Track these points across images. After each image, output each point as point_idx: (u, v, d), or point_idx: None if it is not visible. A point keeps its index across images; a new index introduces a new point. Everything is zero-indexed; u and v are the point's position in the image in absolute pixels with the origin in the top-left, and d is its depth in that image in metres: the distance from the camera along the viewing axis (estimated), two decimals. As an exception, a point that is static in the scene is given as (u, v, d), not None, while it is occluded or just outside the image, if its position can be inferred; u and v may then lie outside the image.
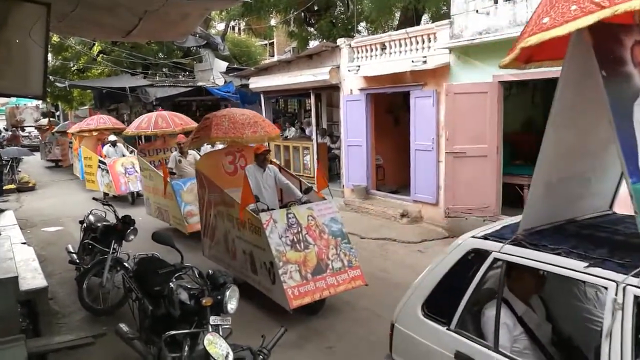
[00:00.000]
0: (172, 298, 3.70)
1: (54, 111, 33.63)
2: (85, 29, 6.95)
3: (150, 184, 9.82)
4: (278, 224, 5.35)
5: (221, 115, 6.85)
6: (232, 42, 23.87)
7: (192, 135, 7.14)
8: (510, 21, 7.70)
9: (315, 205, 5.84)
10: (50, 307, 5.35)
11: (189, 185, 8.55)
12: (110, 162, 12.70)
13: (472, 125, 8.28)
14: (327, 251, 5.53)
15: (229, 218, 6.12)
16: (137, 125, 10.78)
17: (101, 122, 14.69)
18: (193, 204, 8.24)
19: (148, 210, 10.17)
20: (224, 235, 6.38)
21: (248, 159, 7.19)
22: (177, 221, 8.71)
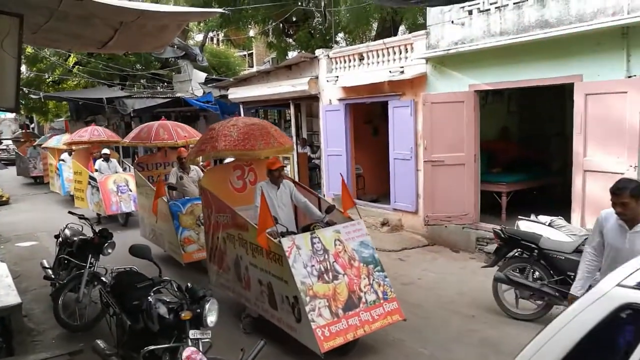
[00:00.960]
0: (150, 312, 3.64)
1: (28, 123, 33.07)
2: (60, 41, 6.85)
3: (146, 202, 8.63)
4: (302, 251, 4.58)
5: (229, 125, 5.99)
6: (211, 53, 23.85)
7: (196, 148, 6.21)
8: (485, 31, 7.85)
9: (343, 227, 5.05)
10: (24, 325, 5.22)
11: (188, 207, 7.59)
12: (101, 179, 11.43)
13: (449, 134, 8.39)
14: (358, 282, 4.76)
15: (242, 242, 5.33)
16: (135, 135, 9.49)
17: (95, 134, 13.23)
18: (192, 230, 7.41)
19: (142, 232, 9.11)
20: (234, 261, 5.59)
21: (259, 173, 6.46)
22: (173, 248, 7.71)
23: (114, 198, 11.22)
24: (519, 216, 6.23)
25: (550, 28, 6.97)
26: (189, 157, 6.62)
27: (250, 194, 5.97)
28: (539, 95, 9.36)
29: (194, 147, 6.41)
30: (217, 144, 5.78)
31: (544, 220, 6.01)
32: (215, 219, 5.86)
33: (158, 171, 9.68)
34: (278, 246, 4.60)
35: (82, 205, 12.41)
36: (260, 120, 6.58)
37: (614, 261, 3.54)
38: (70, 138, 13.80)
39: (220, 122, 6.25)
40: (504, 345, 5.00)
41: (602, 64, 6.64)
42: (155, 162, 9.82)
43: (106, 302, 4.34)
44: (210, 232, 6.08)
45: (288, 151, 6.50)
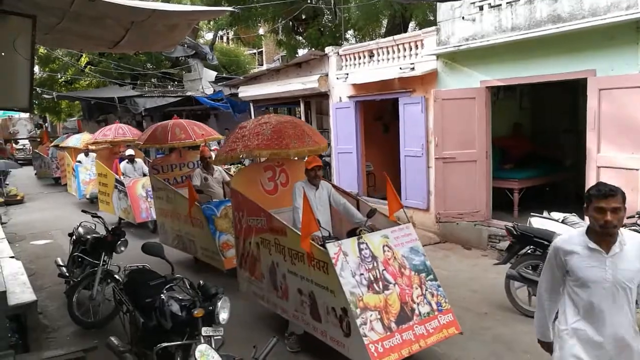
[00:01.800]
0: (163, 310, 3.67)
1: (42, 123, 33.38)
2: (72, 41, 6.91)
3: (167, 207, 8.08)
4: (349, 258, 4.20)
5: (261, 123, 5.60)
6: (221, 52, 23.93)
7: (226, 147, 5.73)
8: (496, 27, 7.78)
9: (391, 232, 4.66)
10: (39, 322, 5.30)
11: (222, 210, 7.08)
12: (129, 183, 10.50)
13: (461, 131, 8.34)
14: (410, 292, 4.39)
15: (279, 248, 4.93)
16: (149, 137, 8.73)
17: (120, 133, 12.27)
18: (229, 233, 6.82)
19: (163, 239, 8.30)
20: (269, 268, 5.19)
21: (290, 174, 6.08)
22: (209, 254, 7.12)
23: (143, 204, 10.30)
24: (532, 213, 6.19)
25: (563, 23, 6.89)
26: (218, 157, 5.90)
27: (282, 197, 5.72)
28: (551, 91, 9.27)
29: (223, 146, 5.92)
30: (250, 142, 5.38)
31: (557, 217, 5.97)
32: (246, 223, 5.48)
33: (174, 173, 9.01)
34: (323, 253, 4.22)
35: (108, 210, 11.47)
36: (292, 118, 6.15)
37: (590, 305, 2.73)
38: (94, 137, 13.03)
39: (251, 120, 5.87)
40: (516, 343, 4.98)
41: (616, 58, 6.56)
42: (170, 163, 9.07)
43: (119, 299, 4.38)
44: (240, 237, 5.70)
45: (323, 150, 5.93)
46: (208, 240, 6.98)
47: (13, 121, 30.58)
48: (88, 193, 13.45)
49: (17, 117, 30.15)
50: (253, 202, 5.30)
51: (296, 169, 5.96)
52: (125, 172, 10.99)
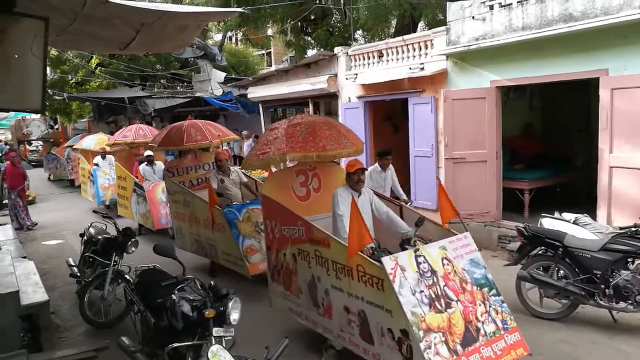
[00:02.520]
0: (174, 310, 3.68)
1: (52, 124, 33.60)
2: (84, 42, 6.96)
3: (184, 210, 7.78)
4: (407, 273, 3.77)
5: (294, 124, 5.14)
6: (230, 53, 23.98)
7: (257, 150, 5.21)
8: (506, 27, 7.74)
9: (449, 242, 4.26)
10: (51, 321, 5.33)
11: (244, 213, 6.76)
12: (148, 187, 10.00)
13: (471, 131, 8.30)
14: (474, 309, 3.96)
15: (320, 261, 4.49)
16: (164, 139, 8.28)
17: (140, 134, 11.57)
18: (253, 238, 6.60)
19: (180, 244, 8.04)
20: (308, 283, 4.75)
21: (323, 179, 5.60)
22: (232, 260, 6.78)
23: (163, 210, 9.76)
24: (543, 214, 6.15)
25: (575, 22, 6.84)
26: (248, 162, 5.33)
27: (315, 203, 5.34)
28: (562, 91, 9.20)
29: (253, 149, 5.42)
30: (284, 145, 4.89)
31: (569, 218, 5.92)
32: (280, 233, 5.04)
33: (189, 176, 8.62)
34: (377, 267, 3.79)
35: (126, 214, 11.11)
36: (326, 118, 5.74)
37: None
38: (114, 138, 12.46)
39: (283, 121, 5.42)
40: (528, 345, 4.93)
41: (629, 57, 6.50)
42: (185, 166, 8.66)
43: (130, 299, 4.40)
44: (273, 248, 5.26)
45: (360, 152, 5.36)
46: (231, 245, 6.66)
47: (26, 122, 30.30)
48: (108, 199, 12.87)
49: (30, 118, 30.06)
50: (288, 210, 4.85)
51: (329, 173, 5.59)
52: (144, 175, 10.56)
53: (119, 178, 11.53)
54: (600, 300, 5.10)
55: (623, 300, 4.96)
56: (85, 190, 15.07)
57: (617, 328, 5.21)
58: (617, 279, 4.98)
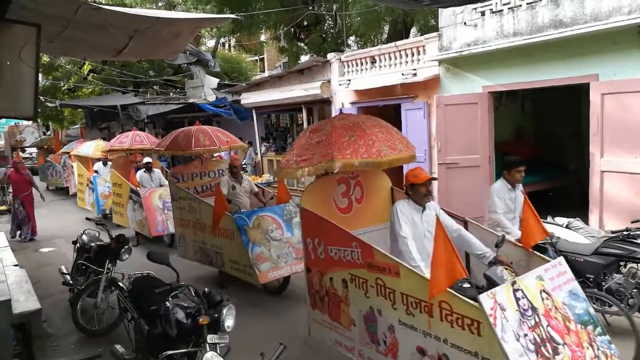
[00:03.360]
0: (168, 317, 3.66)
1: (44, 131, 33.41)
2: (76, 49, 6.96)
3: (190, 217, 7.50)
4: (508, 313, 3.11)
5: (339, 126, 4.36)
6: (223, 59, 24.02)
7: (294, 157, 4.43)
8: (498, 32, 7.81)
9: (544, 271, 3.51)
10: (44, 330, 5.28)
11: (254, 220, 6.49)
12: (145, 194, 9.74)
13: (463, 136, 8.34)
14: (582, 353, 3.27)
15: (383, 291, 3.77)
16: (171, 143, 7.96)
17: (137, 140, 11.28)
18: (263, 245, 6.30)
19: (182, 252, 7.81)
20: (365, 315, 4.03)
21: (366, 188, 4.90)
22: (241, 268, 6.46)
23: (159, 217, 9.52)
24: (536, 218, 6.15)
25: (565, 28, 6.91)
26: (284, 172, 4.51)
27: (357, 217, 4.70)
28: (553, 96, 9.28)
29: (287, 156, 4.61)
30: (332, 150, 4.10)
31: (561, 222, 5.93)
32: (326, 253, 4.34)
33: (194, 182, 8.37)
34: (470, 306, 3.09)
35: (122, 222, 10.80)
36: (375, 118, 4.90)
37: None
38: (110, 144, 12.07)
39: (322, 123, 4.71)
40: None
41: (619, 63, 6.58)
42: (191, 172, 8.42)
43: (124, 307, 4.36)
44: (314, 270, 4.57)
45: (414, 159, 4.61)
46: (240, 252, 6.34)
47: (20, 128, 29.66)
48: (108, 208, 12.28)
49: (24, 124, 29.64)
50: (339, 228, 4.16)
51: (373, 181, 4.95)
52: (141, 182, 10.28)
53: (115, 185, 11.21)
54: (593, 304, 5.11)
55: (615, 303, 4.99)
56: (82, 199, 14.40)
57: (610, 331, 5.19)
58: (610, 282, 5.00)
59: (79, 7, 4.32)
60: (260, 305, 6.27)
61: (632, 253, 4.96)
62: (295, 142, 4.77)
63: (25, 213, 11.05)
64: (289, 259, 6.33)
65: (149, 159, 10.61)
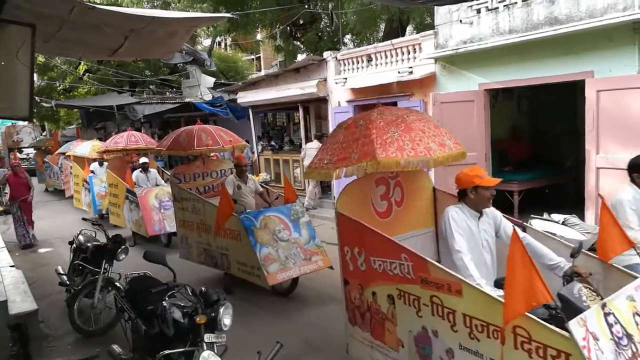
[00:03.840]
0: (165, 317, 3.66)
1: (41, 131, 33.23)
2: (71, 49, 6.94)
3: (193, 218, 7.35)
4: (601, 343, 2.61)
5: (378, 120, 3.86)
6: (219, 58, 23.99)
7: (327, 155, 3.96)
8: (494, 30, 7.82)
9: (634, 289, 2.99)
10: (41, 331, 5.28)
11: (261, 220, 6.34)
12: (141, 193, 9.68)
13: (460, 134, 8.22)
14: None
15: (439, 310, 3.27)
16: (172, 143, 7.78)
17: (132, 141, 11.24)
18: (270, 246, 6.16)
19: (184, 254, 7.68)
20: (417, 336, 3.53)
21: (406, 189, 4.39)
22: (248, 270, 6.29)
23: (156, 216, 9.48)
24: (532, 215, 6.18)
25: (560, 25, 6.93)
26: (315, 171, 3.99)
27: (396, 222, 4.23)
28: (549, 93, 9.30)
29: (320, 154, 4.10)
30: (374, 148, 3.59)
31: (557, 219, 5.96)
32: (368, 265, 3.82)
33: (196, 183, 8.18)
34: (556, 335, 2.60)
35: (119, 222, 10.77)
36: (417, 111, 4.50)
37: None
38: (105, 145, 11.98)
39: (358, 118, 4.21)
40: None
41: (614, 59, 6.59)
42: (192, 172, 8.23)
43: (121, 307, 4.36)
44: (354, 283, 4.05)
45: (464, 156, 4.15)
46: (247, 254, 6.20)
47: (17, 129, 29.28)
48: (105, 208, 12.36)
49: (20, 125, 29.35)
50: (385, 238, 3.63)
51: (413, 181, 4.46)
52: (137, 182, 10.28)
53: (111, 185, 11.20)
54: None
55: (612, 299, 5.02)
56: (78, 200, 14.42)
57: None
58: (606, 278, 5.03)
59: (73, 6, 4.31)
60: (268, 307, 6.27)
61: (627, 249, 4.99)
62: (327, 139, 4.31)
63: (24, 217, 10.61)
64: (297, 259, 6.20)
65: (145, 159, 10.61)
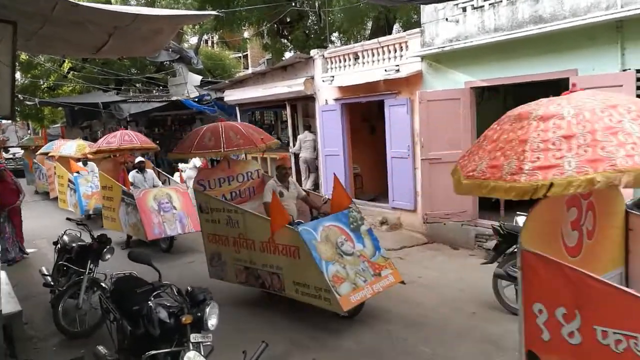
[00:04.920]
0: (151, 317, 3.63)
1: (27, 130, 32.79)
2: (54, 47, 6.86)
3: (228, 232, 6.36)
4: None
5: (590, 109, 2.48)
6: (206, 56, 23.86)
7: (518, 162, 2.43)
8: (479, 28, 7.86)
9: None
10: (25, 332, 5.23)
11: (321, 232, 5.39)
12: (139, 195, 9.03)
13: (446, 132, 8.39)
14: None
15: None
16: (197, 143, 6.62)
17: (126, 140, 10.43)
18: (336, 262, 5.23)
19: (216, 273, 6.76)
20: None
21: (598, 213, 3.18)
22: (313, 292, 5.34)
23: (155, 219, 8.80)
24: (518, 212, 6.23)
25: (545, 23, 6.98)
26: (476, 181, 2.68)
27: (589, 260, 3.03)
28: (535, 91, 9.36)
29: (467, 156, 3.01)
30: (603, 153, 2.29)
31: (543, 215, 6.00)
32: (587, 337, 2.48)
33: (222, 189, 7.00)
34: None
35: (114, 227, 10.06)
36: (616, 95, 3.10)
37: None
38: (97, 145, 11.02)
39: (534, 105, 2.86)
40: (505, 341, 5.00)
41: (597, 58, 6.66)
42: (217, 177, 7.04)
43: (106, 307, 4.32)
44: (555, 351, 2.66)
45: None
46: (308, 273, 5.30)
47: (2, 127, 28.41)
48: (91, 208, 11.99)
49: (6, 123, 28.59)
50: (630, 296, 2.35)
51: (606, 203, 3.27)
52: (134, 183, 9.74)
53: (104, 188, 10.40)
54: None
55: (596, 295, 5.05)
56: (63, 200, 13.82)
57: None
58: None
59: (56, 3, 4.25)
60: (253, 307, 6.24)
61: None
62: (484, 136, 3.01)
63: (9, 228, 9.23)
64: (367, 276, 5.36)
65: (142, 158, 10.18)
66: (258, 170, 7.34)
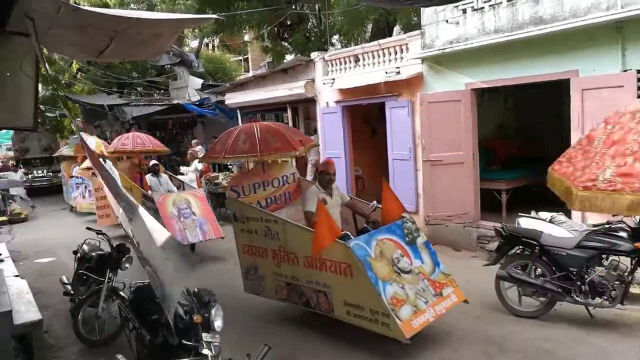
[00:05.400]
0: (169, 326, 3.73)
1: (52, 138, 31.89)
2: (62, 48, 6.88)
3: (266, 244, 5.86)
4: None
5: None
6: (207, 59, 23.89)
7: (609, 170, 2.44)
8: (479, 30, 7.95)
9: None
10: (45, 341, 5.29)
11: (375, 247, 4.88)
12: (158, 199, 8.63)
13: (447, 133, 8.48)
14: None
15: None
16: (231, 147, 6.03)
17: (138, 142, 10.40)
18: (394, 282, 4.74)
19: (253, 287, 6.28)
20: None
21: None
22: (368, 316, 4.80)
23: (176, 225, 8.39)
24: (520, 213, 6.27)
25: (545, 24, 7.06)
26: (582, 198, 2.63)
27: None
28: (536, 92, 9.47)
29: (567, 161, 3.03)
30: None
31: (545, 217, 6.09)
32: None
33: (257, 195, 6.34)
34: None
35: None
36: None
37: None
38: (113, 146, 11.00)
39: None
40: (508, 343, 5.08)
41: (598, 58, 6.73)
42: (251, 182, 6.40)
43: (125, 316, 4.41)
44: None
45: None
46: (363, 294, 4.76)
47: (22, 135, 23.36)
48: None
49: None
50: None
51: None
52: (151, 187, 9.56)
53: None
54: (577, 296, 5.28)
55: (598, 296, 5.15)
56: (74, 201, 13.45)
57: (594, 323, 5.35)
58: (592, 275, 5.18)
59: (59, 7, 4.33)
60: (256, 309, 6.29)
61: (613, 246, 5.15)
62: (591, 138, 2.77)
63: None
64: (428, 297, 4.85)
65: (156, 162, 10.10)
66: (294, 173, 6.73)
